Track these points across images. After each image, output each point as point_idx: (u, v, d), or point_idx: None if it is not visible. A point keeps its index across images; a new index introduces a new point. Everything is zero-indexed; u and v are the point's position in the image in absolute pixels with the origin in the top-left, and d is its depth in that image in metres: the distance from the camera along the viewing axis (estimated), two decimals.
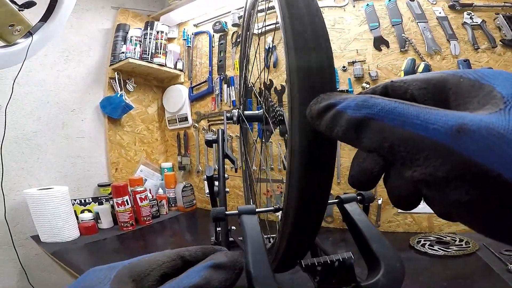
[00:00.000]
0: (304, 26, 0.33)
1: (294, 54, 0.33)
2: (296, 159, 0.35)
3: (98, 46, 1.54)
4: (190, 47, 1.64)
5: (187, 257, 0.28)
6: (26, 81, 1.25)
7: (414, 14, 1.09)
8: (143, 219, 1.40)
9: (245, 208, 0.44)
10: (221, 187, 0.79)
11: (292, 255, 0.45)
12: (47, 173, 1.34)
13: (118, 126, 1.60)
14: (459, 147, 0.13)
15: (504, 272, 0.78)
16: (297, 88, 0.33)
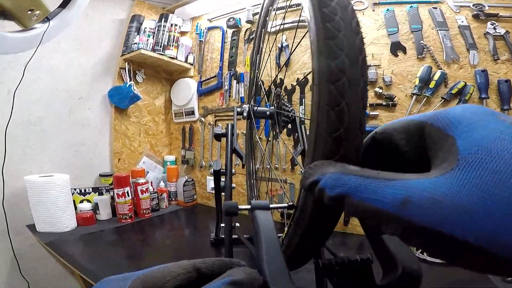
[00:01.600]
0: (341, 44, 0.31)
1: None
2: (318, 154, 0.34)
3: (111, 36, 1.53)
4: (202, 41, 1.63)
5: (202, 270, 0.28)
6: (37, 67, 1.24)
7: (435, 21, 1.07)
8: (142, 212, 1.39)
9: (258, 203, 0.42)
10: (228, 182, 0.78)
11: (302, 254, 0.44)
12: (50, 160, 1.33)
13: (124, 116, 1.59)
14: (404, 215, 0.16)
15: (500, 282, 0.79)
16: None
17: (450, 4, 1.08)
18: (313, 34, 0.32)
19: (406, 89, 1.11)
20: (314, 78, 0.32)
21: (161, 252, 1.07)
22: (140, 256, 1.05)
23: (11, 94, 1.10)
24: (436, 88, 1.05)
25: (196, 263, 0.28)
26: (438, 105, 1.06)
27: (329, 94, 0.30)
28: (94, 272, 0.89)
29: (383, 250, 0.37)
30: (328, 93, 0.30)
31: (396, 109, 1.13)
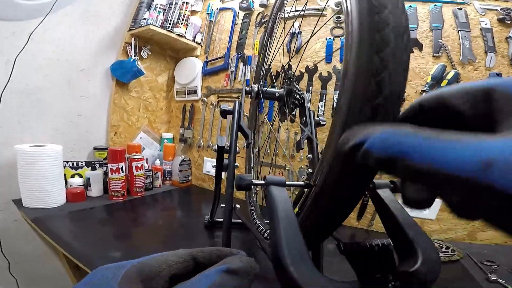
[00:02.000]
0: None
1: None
2: (352, 122, 0.32)
3: (120, 11, 1.49)
4: (212, 21, 1.60)
5: (200, 259, 0.27)
6: (41, 38, 1.20)
7: (457, 22, 1.06)
8: (135, 190, 1.35)
9: (274, 178, 0.40)
10: (231, 161, 0.76)
11: (315, 236, 0.42)
12: (44, 129, 1.29)
13: (125, 91, 1.55)
14: (485, 180, 0.14)
15: (484, 281, 0.82)
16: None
17: (476, 6, 1.07)
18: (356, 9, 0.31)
19: (417, 85, 1.10)
20: (354, 48, 0.31)
21: (153, 233, 1.04)
22: (131, 236, 1.02)
23: (11, 62, 1.06)
24: None
25: (193, 252, 0.27)
26: None
27: (370, 63, 0.29)
28: (80, 251, 0.84)
29: (402, 237, 0.35)
30: (369, 62, 0.29)
31: (405, 104, 1.11)
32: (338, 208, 0.39)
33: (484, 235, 1.08)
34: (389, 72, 0.29)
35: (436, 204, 1.10)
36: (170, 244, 0.96)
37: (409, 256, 0.33)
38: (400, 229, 0.36)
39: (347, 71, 0.32)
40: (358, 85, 0.30)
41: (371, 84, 0.29)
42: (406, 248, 0.34)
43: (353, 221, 1.20)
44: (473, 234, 1.09)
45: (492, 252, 1.01)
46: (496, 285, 0.80)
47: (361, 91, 0.29)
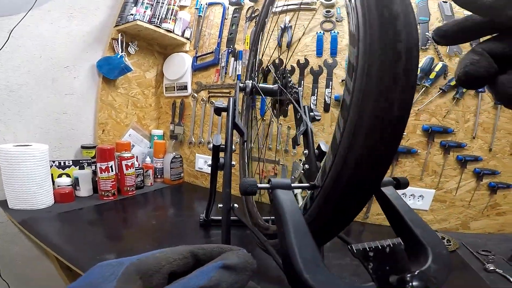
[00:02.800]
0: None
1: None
2: (360, 137, 0.32)
3: (106, 6, 1.44)
4: (201, 16, 1.57)
5: (200, 256, 0.27)
6: (22, 34, 1.15)
7: (443, 15, 1.07)
8: (126, 189, 1.33)
9: (279, 182, 0.40)
10: (228, 160, 0.75)
11: (319, 238, 0.43)
12: (27, 128, 1.24)
13: (112, 87, 1.51)
14: None
15: (481, 271, 0.84)
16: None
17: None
18: None
19: None
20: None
21: (146, 233, 1.02)
22: (123, 237, 1.00)
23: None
24: (436, 79, 1.07)
25: (193, 249, 0.27)
26: (435, 96, 1.08)
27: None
28: (71, 254, 0.83)
29: (410, 235, 0.36)
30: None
31: None
32: (348, 208, 0.39)
33: (477, 224, 1.11)
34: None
35: (430, 195, 1.13)
36: (164, 244, 0.94)
37: (419, 254, 0.34)
38: (408, 227, 0.37)
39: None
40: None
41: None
42: (416, 246, 0.35)
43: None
44: (466, 224, 1.12)
45: (485, 241, 1.03)
46: (495, 275, 0.82)
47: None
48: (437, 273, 0.31)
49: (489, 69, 0.21)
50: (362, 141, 0.33)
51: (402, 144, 1.14)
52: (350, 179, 0.35)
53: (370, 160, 0.33)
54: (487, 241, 1.03)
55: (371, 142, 0.32)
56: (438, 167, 1.12)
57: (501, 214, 1.09)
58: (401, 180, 0.45)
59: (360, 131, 0.32)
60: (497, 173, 1.07)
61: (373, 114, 0.31)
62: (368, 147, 0.33)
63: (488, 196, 1.09)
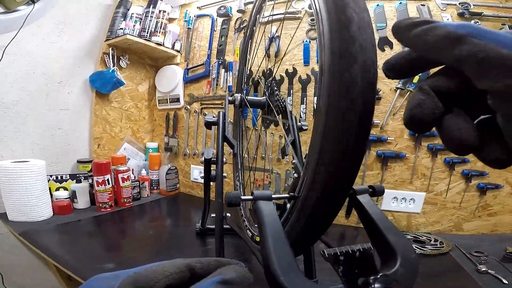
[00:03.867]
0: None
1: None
2: (327, 149, 0.35)
3: (95, 21, 1.46)
4: (190, 29, 1.60)
5: (197, 270, 0.27)
6: (14, 50, 1.17)
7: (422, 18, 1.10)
8: (123, 201, 1.34)
9: (261, 193, 0.43)
10: (219, 172, 0.78)
11: (303, 243, 0.45)
12: (24, 144, 1.26)
13: (106, 102, 1.53)
14: None
15: (474, 272, 0.84)
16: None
17: (437, 2, 1.12)
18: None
19: (391, 83, 1.15)
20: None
21: (144, 243, 1.05)
22: (121, 247, 1.02)
23: None
24: (419, 83, 1.09)
25: (191, 263, 0.27)
26: None
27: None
28: (71, 263, 0.85)
29: (382, 240, 0.39)
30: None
31: (381, 102, 1.17)
32: (322, 216, 0.41)
33: (470, 225, 1.12)
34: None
35: (421, 198, 1.15)
36: (162, 253, 0.97)
37: (389, 259, 0.37)
38: (380, 233, 0.39)
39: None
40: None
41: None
42: (386, 250, 0.38)
43: (342, 219, 1.23)
44: (459, 225, 1.13)
45: (478, 242, 1.04)
46: (487, 276, 0.82)
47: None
48: (403, 276, 0.33)
49: (435, 110, 0.20)
50: (330, 149, 0.35)
51: (390, 149, 1.17)
52: (322, 188, 0.38)
53: (338, 171, 0.36)
54: (480, 242, 1.04)
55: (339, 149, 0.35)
56: (427, 170, 1.14)
57: (492, 215, 1.11)
58: (376, 188, 0.47)
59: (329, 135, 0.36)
60: (485, 174, 1.09)
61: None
62: (335, 156, 0.35)
63: (478, 197, 1.11)
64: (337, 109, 0.34)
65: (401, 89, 1.12)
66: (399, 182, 1.18)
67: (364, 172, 1.20)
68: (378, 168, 1.19)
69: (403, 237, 0.38)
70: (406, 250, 0.36)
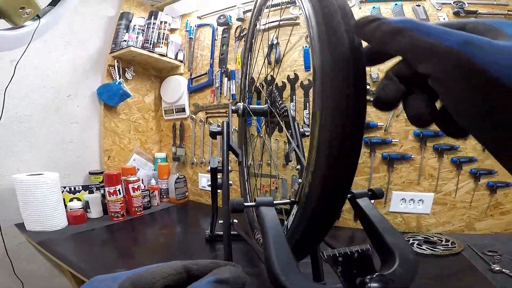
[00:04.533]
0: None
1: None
2: (323, 153, 0.36)
3: (100, 33, 1.51)
4: (192, 38, 1.63)
5: (194, 271, 0.28)
6: (24, 64, 1.20)
7: (418, 18, 1.10)
8: (134, 210, 1.38)
9: (263, 200, 0.45)
10: (225, 180, 0.79)
11: (305, 247, 0.46)
12: (37, 157, 1.31)
13: (114, 114, 1.57)
14: (465, 53, 0.18)
15: (488, 272, 0.82)
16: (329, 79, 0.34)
17: (432, 2, 1.12)
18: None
19: None
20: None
21: (155, 250, 1.07)
22: (134, 254, 1.05)
23: (1, 94, 1.08)
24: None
25: (188, 264, 0.28)
26: None
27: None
28: (86, 269, 0.88)
29: (381, 242, 0.40)
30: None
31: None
32: (322, 220, 0.43)
33: (483, 224, 1.10)
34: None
35: (429, 198, 1.14)
36: (173, 259, 0.97)
37: (388, 259, 0.38)
38: (379, 235, 0.40)
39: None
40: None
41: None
42: (385, 252, 0.39)
43: (350, 222, 1.24)
44: (471, 225, 1.12)
45: (492, 241, 1.02)
46: (501, 275, 0.80)
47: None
48: (401, 276, 0.34)
49: (396, 92, 0.24)
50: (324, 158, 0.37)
51: (395, 150, 1.17)
52: (319, 193, 0.39)
53: (334, 175, 0.37)
54: (494, 241, 1.02)
55: (332, 160, 0.36)
56: (434, 170, 1.13)
57: (505, 213, 1.09)
58: (376, 191, 0.48)
59: (322, 145, 0.37)
60: (494, 172, 1.07)
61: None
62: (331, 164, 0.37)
63: (489, 196, 1.09)
64: (330, 112, 0.35)
65: None
66: (406, 183, 1.17)
67: (370, 175, 1.20)
68: (385, 170, 1.18)
69: (401, 238, 0.39)
70: (404, 251, 0.37)
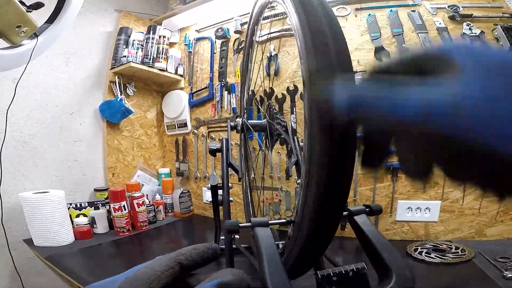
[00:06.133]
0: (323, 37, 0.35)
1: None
2: (315, 175, 0.36)
3: (99, 49, 1.53)
4: (191, 52, 1.64)
5: (184, 262, 0.28)
6: (26, 83, 1.24)
7: (414, 24, 1.11)
8: (139, 225, 1.39)
9: (258, 220, 0.45)
10: (225, 196, 0.80)
11: (301, 265, 0.46)
12: (43, 176, 1.33)
13: (117, 131, 1.59)
14: (429, 126, 0.16)
15: (500, 279, 0.80)
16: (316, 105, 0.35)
17: (427, 7, 1.12)
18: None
19: None
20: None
21: None
22: None
23: (3, 114, 1.10)
24: None
25: (176, 257, 0.28)
26: None
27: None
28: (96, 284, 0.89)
29: (378, 259, 0.39)
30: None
31: None
32: (318, 237, 0.42)
33: (493, 230, 1.08)
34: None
35: (436, 206, 1.12)
36: None
37: (385, 277, 0.37)
38: (376, 252, 0.40)
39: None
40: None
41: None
42: (382, 269, 0.38)
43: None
44: (481, 231, 1.09)
45: (504, 247, 0.99)
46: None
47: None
48: None
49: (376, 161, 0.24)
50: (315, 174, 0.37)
51: None
52: (313, 210, 0.39)
53: (326, 192, 0.37)
54: (506, 247, 0.99)
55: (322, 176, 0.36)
56: (439, 178, 1.11)
57: None
58: (373, 208, 0.48)
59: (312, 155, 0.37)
60: None
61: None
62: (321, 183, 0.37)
63: (497, 202, 1.07)
64: (320, 123, 0.35)
65: None
66: (411, 192, 1.16)
67: (374, 185, 1.19)
68: (389, 179, 1.17)
69: (398, 256, 0.38)
70: (400, 268, 0.36)
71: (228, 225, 0.46)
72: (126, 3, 1.62)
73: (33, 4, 0.78)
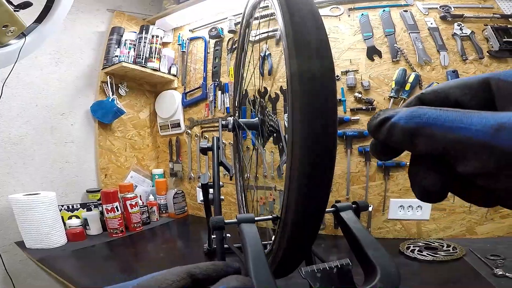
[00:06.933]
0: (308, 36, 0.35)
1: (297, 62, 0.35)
2: (297, 169, 0.36)
3: (91, 49, 1.52)
4: (184, 52, 1.63)
5: (197, 275, 0.28)
6: (15, 83, 1.22)
7: (406, 24, 1.12)
8: (133, 226, 1.38)
9: (244, 216, 0.45)
10: (216, 195, 0.79)
11: (289, 261, 0.46)
12: (34, 178, 1.31)
13: (109, 131, 1.57)
14: (498, 143, 0.15)
15: (491, 276, 0.81)
16: (299, 102, 0.35)
17: (419, 7, 1.13)
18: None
19: (384, 92, 1.15)
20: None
21: (156, 265, 1.07)
22: (135, 269, 1.06)
23: None
24: (412, 90, 1.09)
25: (190, 269, 0.28)
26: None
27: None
28: (88, 285, 0.88)
29: (363, 256, 0.39)
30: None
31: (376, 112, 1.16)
32: (302, 233, 0.42)
33: (484, 228, 1.09)
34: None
35: (427, 205, 1.12)
36: None
37: (370, 274, 0.37)
38: (362, 249, 0.40)
39: None
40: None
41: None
42: (368, 266, 0.38)
43: None
44: (472, 229, 1.10)
45: (495, 245, 1.00)
46: (504, 279, 0.79)
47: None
48: None
49: (437, 187, 0.21)
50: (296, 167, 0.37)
51: None
52: (296, 206, 0.38)
53: (311, 190, 0.37)
54: (496, 245, 1.00)
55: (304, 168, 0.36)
56: None
57: (505, 217, 1.07)
58: (360, 204, 0.48)
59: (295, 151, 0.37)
60: None
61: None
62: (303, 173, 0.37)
63: None
64: (301, 121, 0.36)
65: (394, 97, 1.12)
66: (403, 190, 1.16)
67: (366, 184, 1.19)
68: (381, 178, 1.18)
69: (384, 253, 0.38)
70: (386, 265, 0.36)
71: (213, 222, 0.46)
72: (120, 3, 1.61)
73: (21, 3, 0.78)
